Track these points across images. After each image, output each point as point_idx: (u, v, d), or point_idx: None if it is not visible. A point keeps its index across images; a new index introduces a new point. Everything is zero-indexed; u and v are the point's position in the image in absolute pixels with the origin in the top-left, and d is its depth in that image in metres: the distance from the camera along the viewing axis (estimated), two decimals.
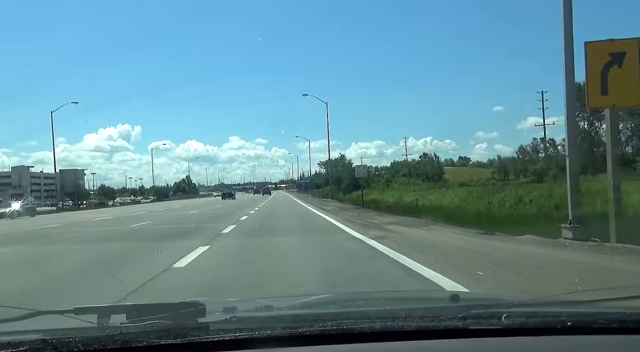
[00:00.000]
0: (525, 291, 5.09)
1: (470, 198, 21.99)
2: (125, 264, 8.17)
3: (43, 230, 18.17)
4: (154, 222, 20.15)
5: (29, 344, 1.22)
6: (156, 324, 1.33)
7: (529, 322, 1.39)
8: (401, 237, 10.67)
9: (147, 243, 11.48)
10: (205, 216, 24.27)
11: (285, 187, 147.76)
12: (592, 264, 6.52)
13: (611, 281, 5.28)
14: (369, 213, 22.04)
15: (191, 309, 1.48)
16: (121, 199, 77.34)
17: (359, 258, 8.08)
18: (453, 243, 9.54)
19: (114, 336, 1.26)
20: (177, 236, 13.24)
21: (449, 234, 11.35)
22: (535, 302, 2.02)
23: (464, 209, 18.18)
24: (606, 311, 1.60)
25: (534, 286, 5.26)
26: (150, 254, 9.50)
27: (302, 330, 1.32)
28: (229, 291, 5.72)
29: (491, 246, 8.52)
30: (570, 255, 7.24)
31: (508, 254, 7.61)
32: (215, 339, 1.28)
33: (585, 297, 2.20)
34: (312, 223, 17.14)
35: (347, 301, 2.42)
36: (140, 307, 1.53)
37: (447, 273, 5.95)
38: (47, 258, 9.44)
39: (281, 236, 12.42)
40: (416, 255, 7.69)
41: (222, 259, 8.74)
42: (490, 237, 10.18)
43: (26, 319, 1.62)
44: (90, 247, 11.52)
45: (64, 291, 6.08)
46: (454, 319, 1.39)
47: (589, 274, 5.81)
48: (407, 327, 1.36)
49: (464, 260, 7.25)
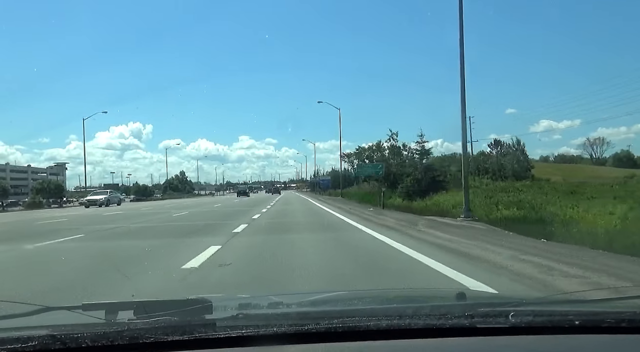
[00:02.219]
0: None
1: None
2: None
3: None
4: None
5: (37, 340, 1.22)
6: (163, 320, 1.34)
7: (537, 320, 1.38)
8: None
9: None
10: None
11: (296, 187, 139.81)
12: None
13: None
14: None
15: (198, 306, 1.49)
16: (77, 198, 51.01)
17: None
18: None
19: (121, 332, 1.27)
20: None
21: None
22: (543, 301, 2.01)
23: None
24: (615, 310, 1.59)
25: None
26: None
27: (308, 327, 1.32)
28: None
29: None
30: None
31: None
32: (222, 335, 1.28)
33: (594, 296, 2.18)
34: None
35: (353, 299, 2.42)
36: (147, 303, 1.54)
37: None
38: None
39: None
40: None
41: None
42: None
43: (35, 315, 1.64)
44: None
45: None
46: (461, 317, 1.38)
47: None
48: (414, 325, 1.35)
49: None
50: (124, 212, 26.55)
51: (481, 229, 11.68)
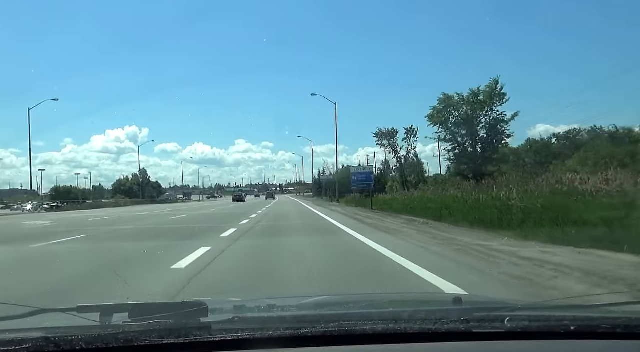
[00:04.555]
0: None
1: None
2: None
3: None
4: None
5: (31, 342, 1.22)
6: (158, 323, 1.33)
7: (532, 326, 1.38)
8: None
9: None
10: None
11: (295, 190, 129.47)
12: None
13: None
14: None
15: (193, 309, 1.48)
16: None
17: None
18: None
19: (116, 334, 1.26)
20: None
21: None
22: (539, 306, 2.01)
23: None
24: (610, 315, 1.59)
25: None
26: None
27: (304, 331, 1.31)
28: None
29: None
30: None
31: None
32: (217, 339, 1.28)
33: (589, 301, 2.18)
34: None
35: (349, 303, 2.41)
36: (142, 306, 1.53)
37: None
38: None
39: None
40: None
41: None
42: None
43: (29, 317, 1.63)
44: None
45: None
46: (457, 322, 1.38)
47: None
48: (410, 330, 1.35)
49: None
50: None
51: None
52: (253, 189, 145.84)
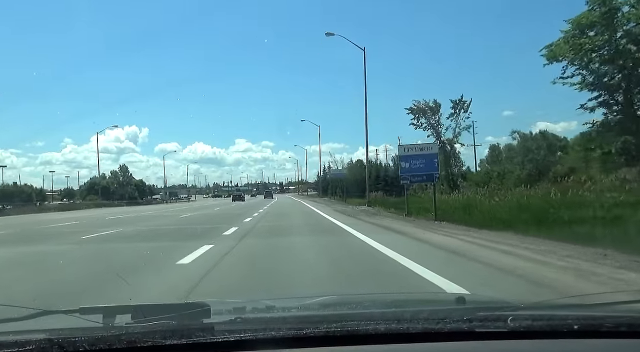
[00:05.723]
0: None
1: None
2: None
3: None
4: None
5: (35, 344, 1.22)
6: (161, 324, 1.33)
7: (535, 325, 1.38)
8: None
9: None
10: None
11: (296, 189, 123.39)
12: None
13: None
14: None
15: (196, 310, 1.49)
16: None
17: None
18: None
19: (119, 335, 1.26)
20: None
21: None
22: (542, 306, 2.00)
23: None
24: (614, 314, 1.59)
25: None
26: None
27: (307, 331, 1.31)
28: None
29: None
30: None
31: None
32: (220, 339, 1.28)
33: (592, 300, 2.18)
34: None
35: (351, 303, 2.41)
36: (145, 307, 1.53)
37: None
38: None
39: None
40: None
41: None
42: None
43: (32, 319, 1.63)
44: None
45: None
46: (460, 321, 1.38)
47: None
48: (412, 330, 1.35)
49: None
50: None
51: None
52: (252, 188, 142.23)
